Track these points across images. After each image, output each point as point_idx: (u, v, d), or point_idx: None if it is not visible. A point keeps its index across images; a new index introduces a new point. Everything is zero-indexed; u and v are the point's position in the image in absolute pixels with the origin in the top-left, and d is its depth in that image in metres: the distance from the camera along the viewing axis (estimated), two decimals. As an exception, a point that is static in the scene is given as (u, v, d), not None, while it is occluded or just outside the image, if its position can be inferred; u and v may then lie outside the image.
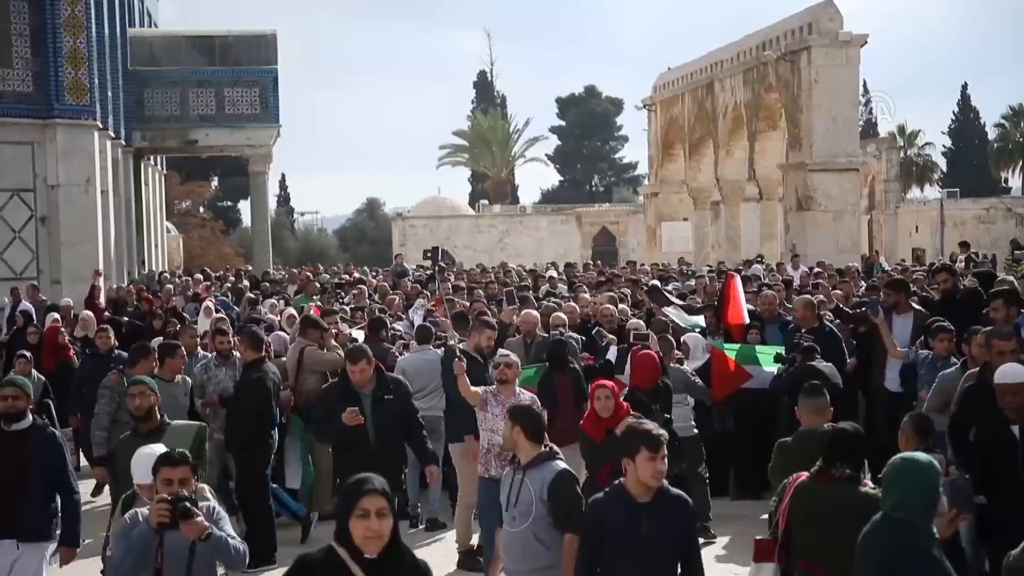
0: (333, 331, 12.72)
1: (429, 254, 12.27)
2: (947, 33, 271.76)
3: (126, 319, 17.12)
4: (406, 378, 10.66)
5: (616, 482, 5.89)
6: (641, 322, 12.12)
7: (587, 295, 16.09)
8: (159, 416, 7.90)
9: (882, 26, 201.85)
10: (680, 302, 13.51)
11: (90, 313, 16.69)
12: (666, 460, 5.83)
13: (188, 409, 9.92)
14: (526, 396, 8.83)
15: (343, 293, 20.01)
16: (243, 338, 10.92)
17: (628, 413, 7.71)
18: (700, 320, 13.03)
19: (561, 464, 6.62)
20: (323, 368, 11.72)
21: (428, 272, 23.26)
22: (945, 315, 11.16)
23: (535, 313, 12.71)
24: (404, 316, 16.00)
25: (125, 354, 11.51)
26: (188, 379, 10.49)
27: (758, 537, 6.44)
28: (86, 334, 14.96)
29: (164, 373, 9.88)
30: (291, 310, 16.08)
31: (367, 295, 18.77)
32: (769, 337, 12.59)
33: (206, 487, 6.41)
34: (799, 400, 7.46)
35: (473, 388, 9.13)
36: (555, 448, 6.77)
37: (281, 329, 14.20)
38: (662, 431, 5.90)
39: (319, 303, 16.65)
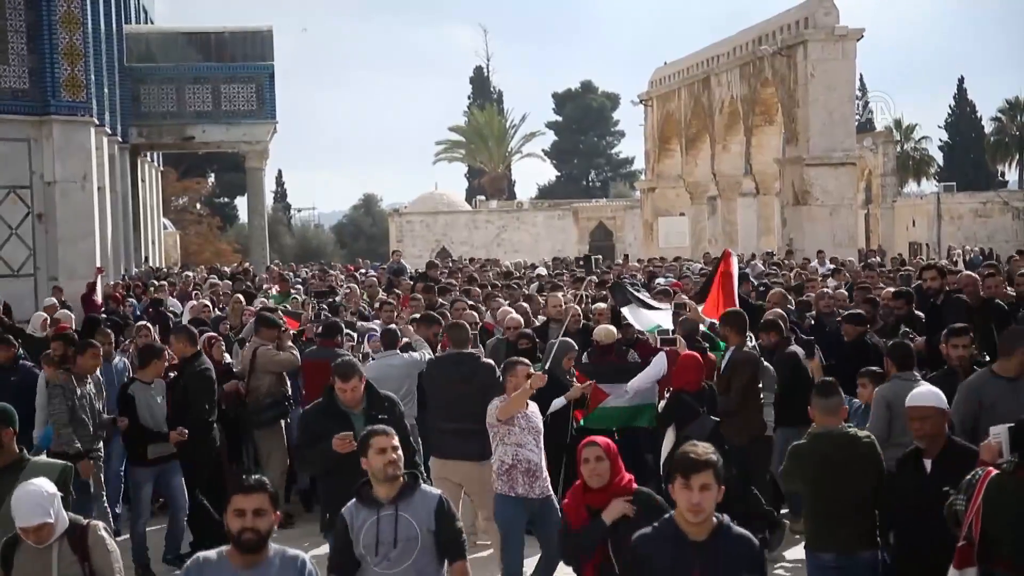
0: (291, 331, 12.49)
1: (582, 262, 11.28)
2: (944, 27, 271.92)
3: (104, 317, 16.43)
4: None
5: (667, 515, 5.03)
6: (611, 328, 11.49)
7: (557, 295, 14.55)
8: (17, 450, 7.09)
9: (878, 20, 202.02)
10: (654, 302, 12.22)
11: (41, 314, 15.97)
12: (711, 490, 4.80)
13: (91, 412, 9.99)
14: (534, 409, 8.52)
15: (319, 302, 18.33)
16: (178, 335, 10.83)
17: (630, 485, 6.05)
18: (665, 319, 11.76)
19: (435, 489, 6.08)
20: (277, 369, 11.53)
21: (428, 272, 23.02)
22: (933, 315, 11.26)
23: (518, 316, 12.50)
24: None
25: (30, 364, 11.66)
26: (100, 377, 10.40)
27: (960, 544, 5.82)
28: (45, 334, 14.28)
29: (77, 370, 9.95)
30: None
31: (358, 296, 17.86)
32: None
33: (99, 523, 6.02)
34: (812, 400, 7.17)
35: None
36: (417, 472, 6.18)
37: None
38: (705, 454, 4.86)
39: (287, 306, 16.08)
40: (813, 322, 13.06)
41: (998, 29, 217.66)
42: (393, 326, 12.12)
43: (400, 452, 5.85)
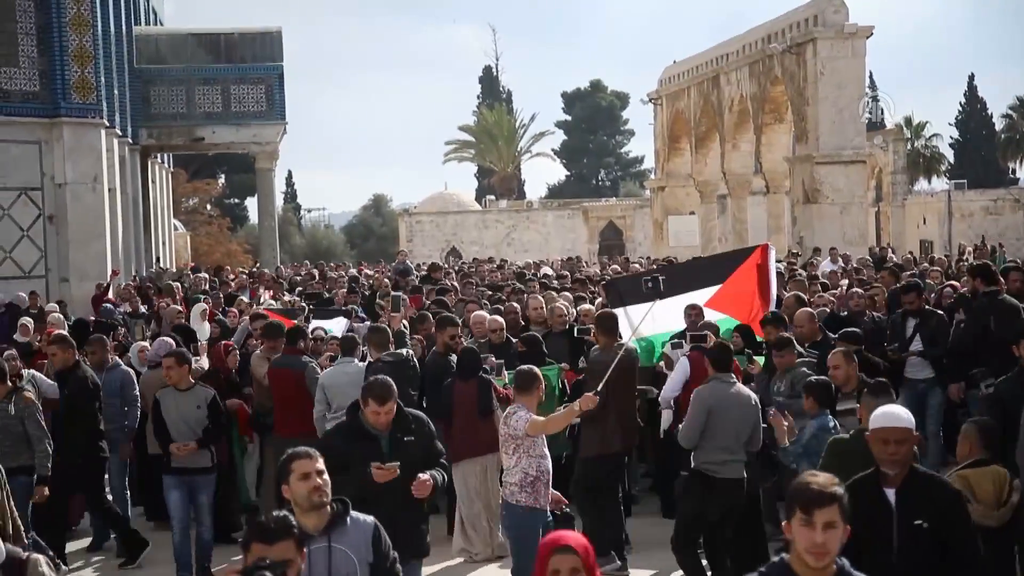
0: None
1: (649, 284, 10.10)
2: (954, 24, 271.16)
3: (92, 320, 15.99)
4: (326, 394, 10.15)
5: (777, 558, 4.35)
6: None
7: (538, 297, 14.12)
8: None
9: (888, 18, 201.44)
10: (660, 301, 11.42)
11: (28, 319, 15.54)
12: (837, 528, 4.16)
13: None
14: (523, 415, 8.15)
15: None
16: (60, 344, 10.43)
17: None
18: (672, 324, 11.17)
19: (367, 516, 5.48)
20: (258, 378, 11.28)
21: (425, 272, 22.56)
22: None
23: (499, 319, 12.14)
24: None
25: None
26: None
27: None
28: (28, 340, 14.05)
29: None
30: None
31: (360, 294, 17.64)
32: None
33: (40, 558, 5.57)
34: (863, 399, 7.07)
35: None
36: (344, 499, 5.45)
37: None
38: (830, 486, 4.21)
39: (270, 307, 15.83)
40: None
41: (1009, 26, 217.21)
42: (352, 333, 11.83)
43: (327, 477, 5.25)
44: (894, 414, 5.63)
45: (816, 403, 8.41)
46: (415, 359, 10.54)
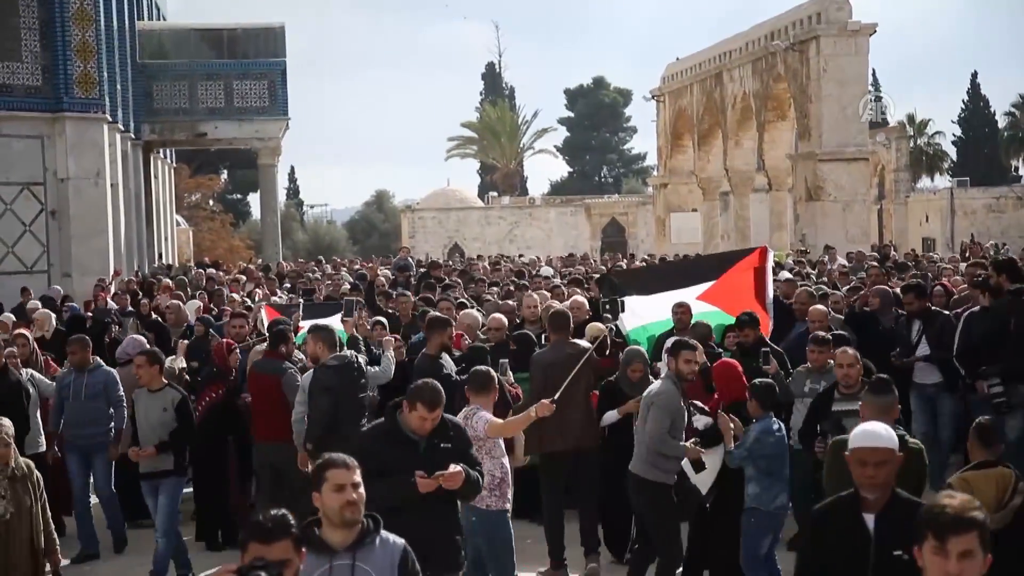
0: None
1: (607, 306, 10.11)
2: (956, 21, 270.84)
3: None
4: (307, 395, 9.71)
5: None
6: (602, 325, 10.52)
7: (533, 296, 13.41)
8: None
9: (891, 15, 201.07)
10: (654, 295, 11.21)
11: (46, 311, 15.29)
12: (975, 559, 3.73)
13: None
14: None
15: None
16: None
17: None
18: (657, 315, 10.92)
19: (398, 538, 5.08)
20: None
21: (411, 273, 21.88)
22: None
23: (502, 317, 11.87)
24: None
25: None
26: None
27: None
28: (43, 334, 13.72)
29: None
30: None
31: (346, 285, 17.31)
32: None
33: None
34: (864, 397, 6.98)
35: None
36: (375, 516, 5.13)
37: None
38: (968, 509, 3.77)
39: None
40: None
41: (1012, 24, 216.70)
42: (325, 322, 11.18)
43: (363, 490, 4.89)
44: (873, 433, 5.17)
45: (759, 405, 8.31)
46: (361, 362, 9.76)
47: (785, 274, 16.85)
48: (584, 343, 9.76)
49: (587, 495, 9.67)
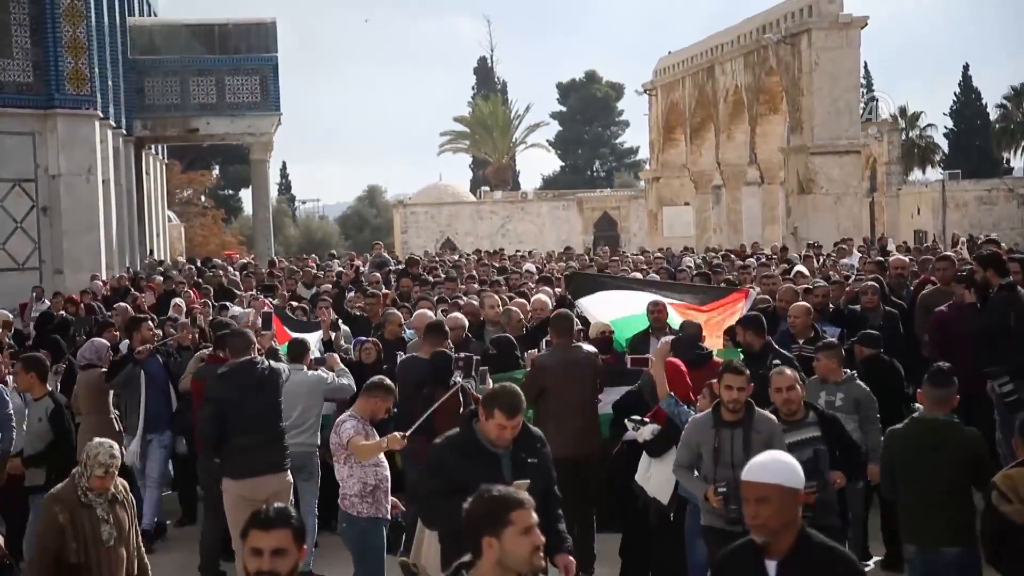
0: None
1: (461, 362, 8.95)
2: (948, 14, 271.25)
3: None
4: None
5: None
6: (605, 323, 10.32)
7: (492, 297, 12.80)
8: None
9: (883, 8, 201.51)
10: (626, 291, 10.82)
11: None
12: None
13: None
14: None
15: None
16: None
17: None
18: (631, 309, 10.53)
19: None
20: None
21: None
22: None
23: (463, 317, 11.23)
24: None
25: None
26: None
27: None
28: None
29: None
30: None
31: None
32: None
33: None
34: (923, 386, 6.87)
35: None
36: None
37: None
38: None
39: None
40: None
41: (1003, 16, 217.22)
42: (303, 336, 10.72)
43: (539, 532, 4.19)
44: (758, 465, 4.38)
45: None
46: (267, 365, 8.78)
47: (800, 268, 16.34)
48: (589, 347, 9.52)
49: (583, 506, 8.99)
